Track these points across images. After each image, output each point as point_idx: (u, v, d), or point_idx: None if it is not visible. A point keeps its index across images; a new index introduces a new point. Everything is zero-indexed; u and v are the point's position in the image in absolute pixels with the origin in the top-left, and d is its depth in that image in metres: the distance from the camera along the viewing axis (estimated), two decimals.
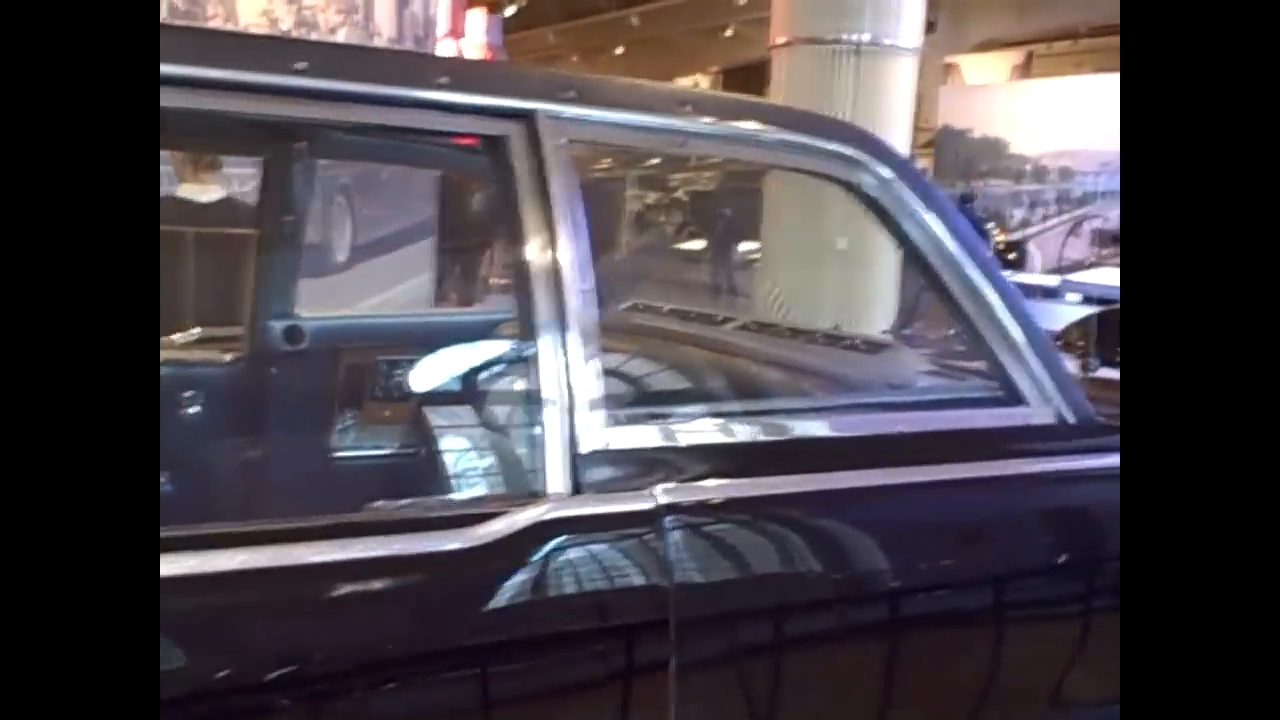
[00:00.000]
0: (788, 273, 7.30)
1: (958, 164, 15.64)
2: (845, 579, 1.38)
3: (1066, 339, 2.99)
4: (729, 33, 21.65)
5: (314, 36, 6.28)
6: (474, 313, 2.49)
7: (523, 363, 1.32)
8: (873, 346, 1.96)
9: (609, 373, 1.49)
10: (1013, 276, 11.71)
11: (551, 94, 1.38)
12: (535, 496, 1.27)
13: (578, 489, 1.28)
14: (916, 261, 1.60)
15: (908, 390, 1.73)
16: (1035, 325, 1.67)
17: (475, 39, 15.69)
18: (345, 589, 1.11)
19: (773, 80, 8.15)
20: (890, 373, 1.81)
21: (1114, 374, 2.56)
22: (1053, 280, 13.07)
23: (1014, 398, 1.64)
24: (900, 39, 7.77)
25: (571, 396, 1.29)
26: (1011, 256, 14.46)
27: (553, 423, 1.29)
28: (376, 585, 1.13)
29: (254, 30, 5.82)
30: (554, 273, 1.32)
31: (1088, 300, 11.99)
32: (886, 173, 1.58)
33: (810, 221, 7.59)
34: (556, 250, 1.32)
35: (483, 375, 1.66)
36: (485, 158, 1.37)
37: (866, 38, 7.60)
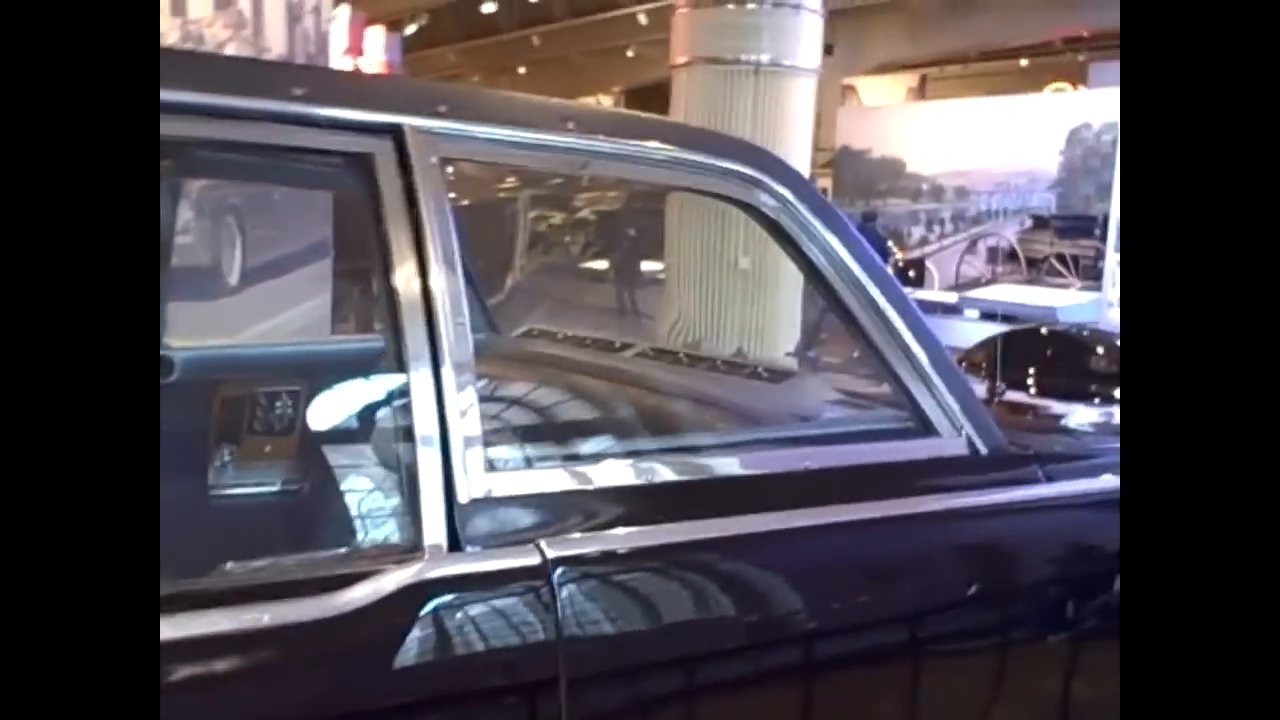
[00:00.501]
0: (690, 294, 7.23)
1: (857, 184, 15.84)
2: (748, 627, 1.27)
3: (970, 360, 2.96)
4: (630, 53, 21.71)
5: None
6: (363, 341, 2.34)
7: (395, 401, 1.19)
8: (776, 375, 1.86)
9: (493, 410, 1.37)
10: (913, 294, 11.92)
11: (421, 108, 1.26)
12: (409, 552, 1.14)
13: (456, 543, 1.15)
14: (818, 284, 1.51)
15: (813, 423, 1.64)
16: (941, 350, 1.59)
17: (375, 57, 15.44)
18: (180, 672, 0.96)
19: (673, 100, 8.12)
20: (795, 403, 1.71)
21: (1021, 397, 2.52)
22: (952, 297, 13.30)
23: (924, 428, 1.56)
24: (799, 59, 7.79)
25: (447, 438, 1.17)
26: (911, 274, 14.68)
27: (428, 468, 1.16)
28: (220, 666, 0.99)
29: None
30: (425, 303, 1.19)
31: (986, 316, 12.23)
32: (785, 192, 1.49)
33: (712, 240, 7.57)
34: (427, 278, 1.20)
35: (354, 414, 1.52)
36: (352, 177, 1.24)
37: (766, 58, 7.61)
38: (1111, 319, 11.62)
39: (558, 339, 2.29)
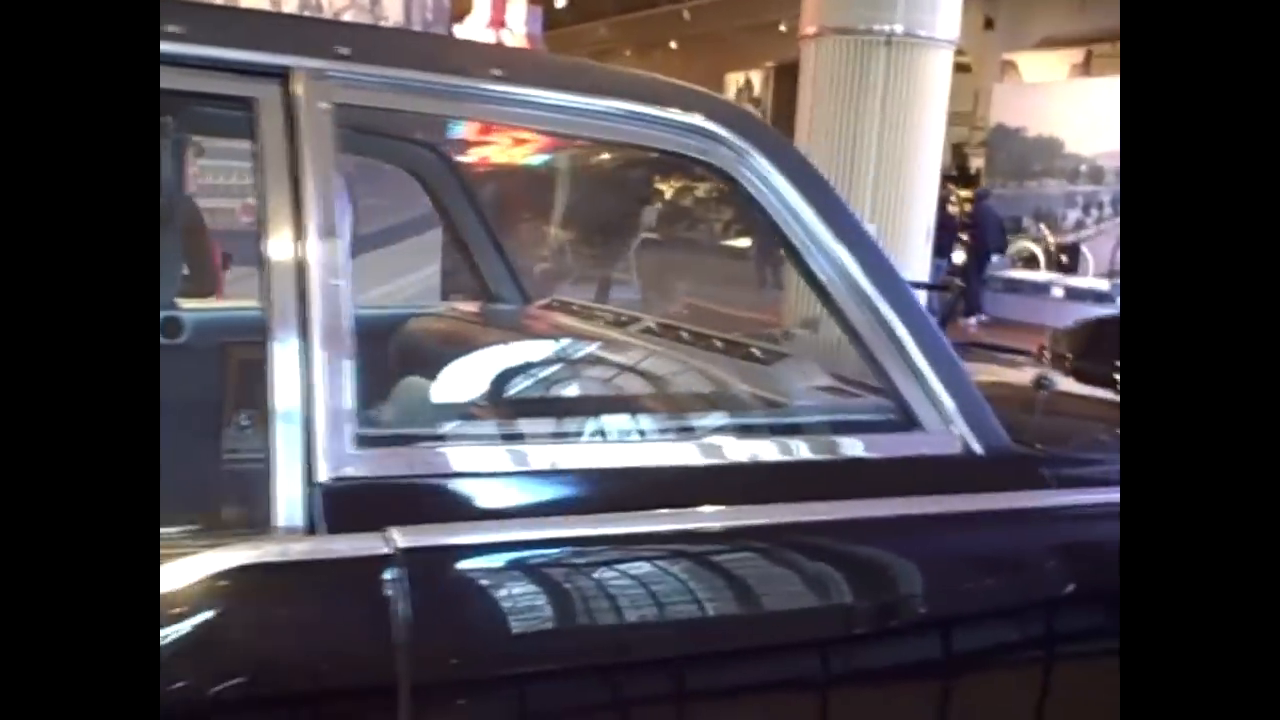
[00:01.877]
0: None
1: (1010, 163, 15.17)
2: (632, 638, 1.11)
3: (1051, 348, 2.70)
4: (783, 28, 21.32)
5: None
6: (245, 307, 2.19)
7: (263, 372, 1.09)
8: (770, 356, 1.69)
9: (393, 386, 1.26)
10: (1065, 280, 11.36)
11: (315, 49, 1.15)
12: (260, 532, 1.04)
13: (312, 525, 1.04)
14: (791, 256, 1.35)
15: (781, 410, 1.46)
16: (935, 336, 1.40)
17: (517, 29, 15.59)
18: None
19: (802, 73, 7.86)
20: (776, 388, 1.54)
21: (1088, 389, 2.27)
22: (1104, 284, 12.59)
23: (908, 421, 1.38)
24: (936, 30, 7.43)
25: (310, 413, 1.06)
26: (1064, 259, 13.98)
27: (287, 444, 1.06)
28: None
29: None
30: (296, 266, 1.09)
31: None
32: (754, 152, 1.32)
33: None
34: (302, 239, 1.09)
35: (224, 384, 1.43)
36: (233, 124, 1.14)
37: (899, 29, 7.28)
38: None
39: (574, 310, 2.17)
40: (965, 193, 15.15)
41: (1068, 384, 2.28)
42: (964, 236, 12.66)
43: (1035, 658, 1.38)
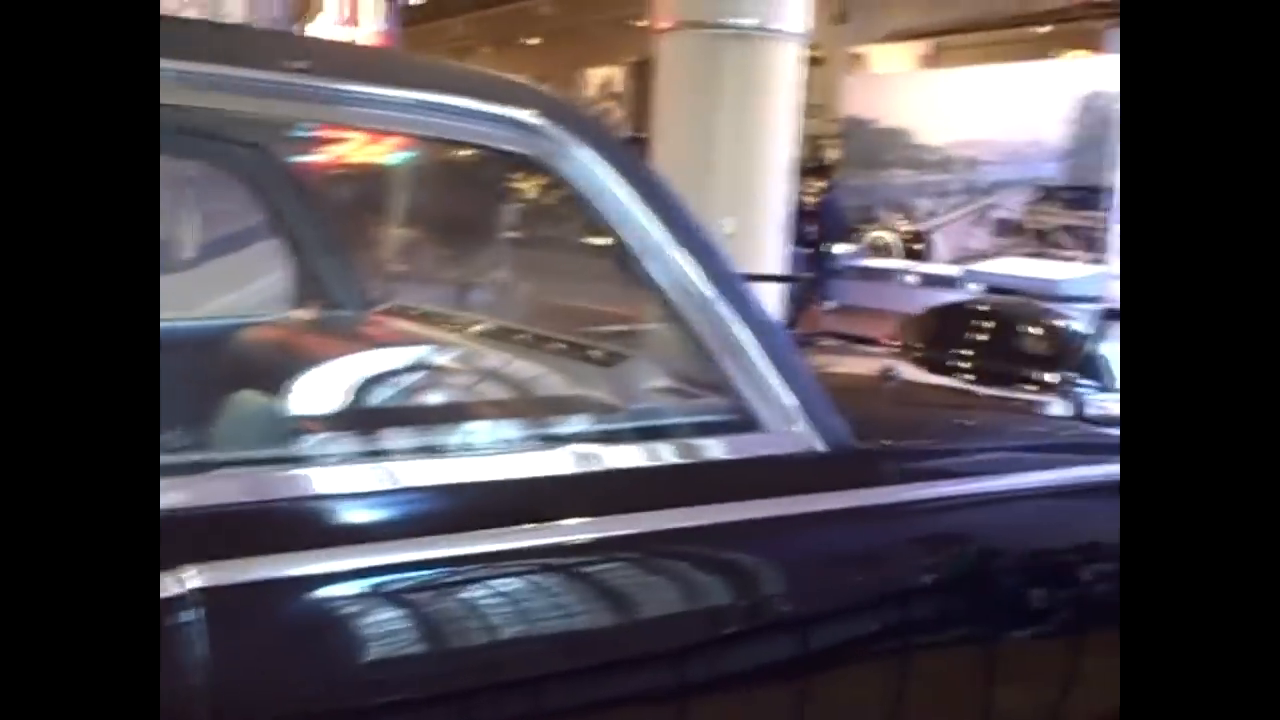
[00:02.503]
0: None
1: (864, 154, 15.51)
2: (453, 670, 1.05)
3: (899, 337, 2.72)
4: (641, 23, 21.38)
5: None
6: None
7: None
8: (611, 358, 1.63)
9: (193, 402, 1.16)
10: (917, 267, 11.68)
11: None
12: None
13: None
14: (619, 254, 1.29)
15: (620, 414, 1.41)
16: (775, 334, 1.37)
17: (370, 26, 15.23)
18: None
19: (658, 68, 7.85)
20: (615, 392, 1.48)
21: (933, 378, 2.29)
22: (954, 270, 12.99)
23: (748, 422, 1.34)
24: (787, 24, 7.51)
25: None
26: (916, 247, 14.37)
27: None
28: None
29: None
30: None
31: (991, 290, 11.91)
32: (580, 148, 1.26)
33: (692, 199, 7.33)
34: None
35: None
36: None
37: (751, 22, 7.32)
38: (1115, 294, 11.31)
39: (414, 316, 2.08)
40: (821, 184, 15.45)
41: (916, 373, 2.29)
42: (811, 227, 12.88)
43: (883, 653, 1.36)
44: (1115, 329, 2.11)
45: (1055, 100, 13.08)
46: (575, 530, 1.16)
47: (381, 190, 1.98)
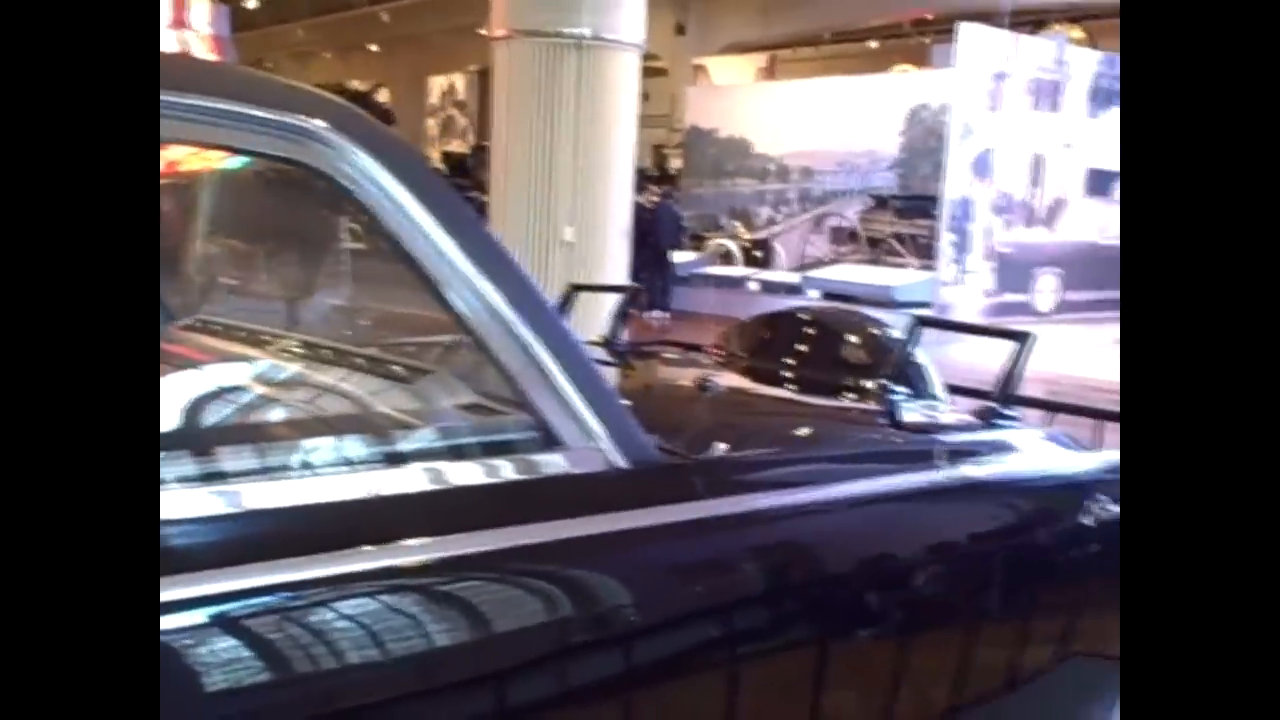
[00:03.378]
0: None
1: (705, 164, 15.75)
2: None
3: (723, 346, 2.73)
4: (483, 31, 21.21)
5: None
6: None
7: None
8: (412, 374, 1.57)
9: None
10: (759, 274, 11.92)
11: None
12: None
13: None
14: (408, 268, 1.23)
15: (420, 433, 1.35)
16: (573, 349, 1.34)
17: (202, 29, 14.67)
18: None
19: (496, 75, 7.79)
20: (414, 409, 1.42)
21: (755, 386, 2.30)
22: (795, 278, 13.30)
23: (547, 440, 1.30)
24: (623, 34, 7.54)
25: None
26: (758, 254, 14.66)
27: None
28: None
29: None
30: None
31: (828, 297, 12.22)
32: (361, 155, 1.20)
33: (538, 207, 7.29)
34: None
35: None
36: None
37: (587, 32, 7.33)
38: (945, 299, 11.74)
39: (217, 330, 1.97)
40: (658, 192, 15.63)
41: (739, 382, 2.30)
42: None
43: (689, 667, 1.34)
44: (921, 335, 2.15)
45: (886, 113, 13.54)
46: (360, 559, 1.10)
47: (170, 200, 1.86)
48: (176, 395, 1.42)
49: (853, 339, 2.45)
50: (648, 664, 1.31)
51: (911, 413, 2.07)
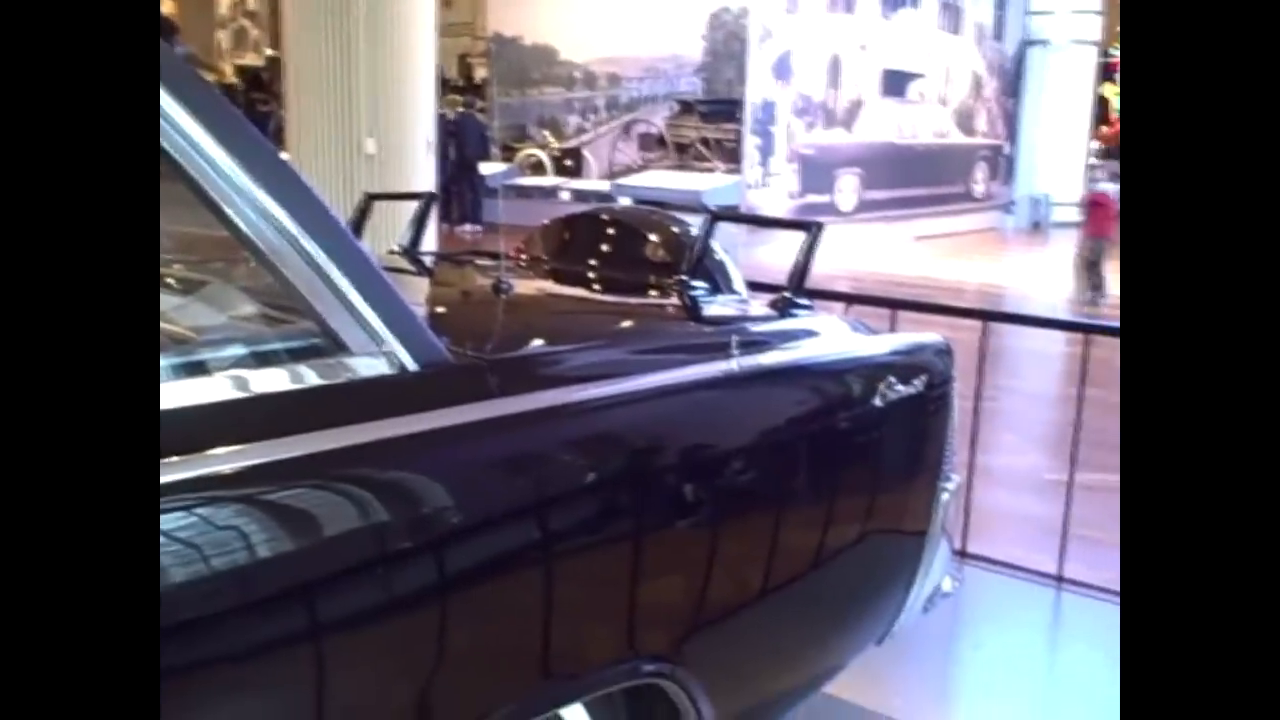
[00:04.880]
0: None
1: (511, 73, 15.45)
2: None
3: (525, 250, 2.71)
4: None
5: None
6: None
7: None
8: (186, 285, 1.50)
9: None
10: (570, 184, 11.86)
11: None
12: None
13: None
14: (173, 171, 1.16)
15: (199, 345, 1.29)
16: (357, 255, 1.30)
17: None
18: None
19: None
20: (192, 320, 1.36)
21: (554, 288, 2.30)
22: (605, 185, 13.29)
23: (333, 347, 1.27)
24: None
25: None
26: (569, 164, 14.57)
27: None
28: None
29: None
30: None
31: (639, 203, 12.28)
32: None
33: (338, 121, 7.01)
34: None
35: None
36: None
37: None
38: (751, 201, 12.00)
39: None
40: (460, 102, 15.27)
41: (540, 285, 2.29)
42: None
43: (487, 567, 1.34)
44: (715, 230, 2.19)
45: (689, 17, 13.54)
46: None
47: None
48: None
49: (652, 237, 2.47)
50: (448, 566, 1.30)
51: (708, 306, 2.11)
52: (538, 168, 14.65)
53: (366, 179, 6.94)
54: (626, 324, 1.97)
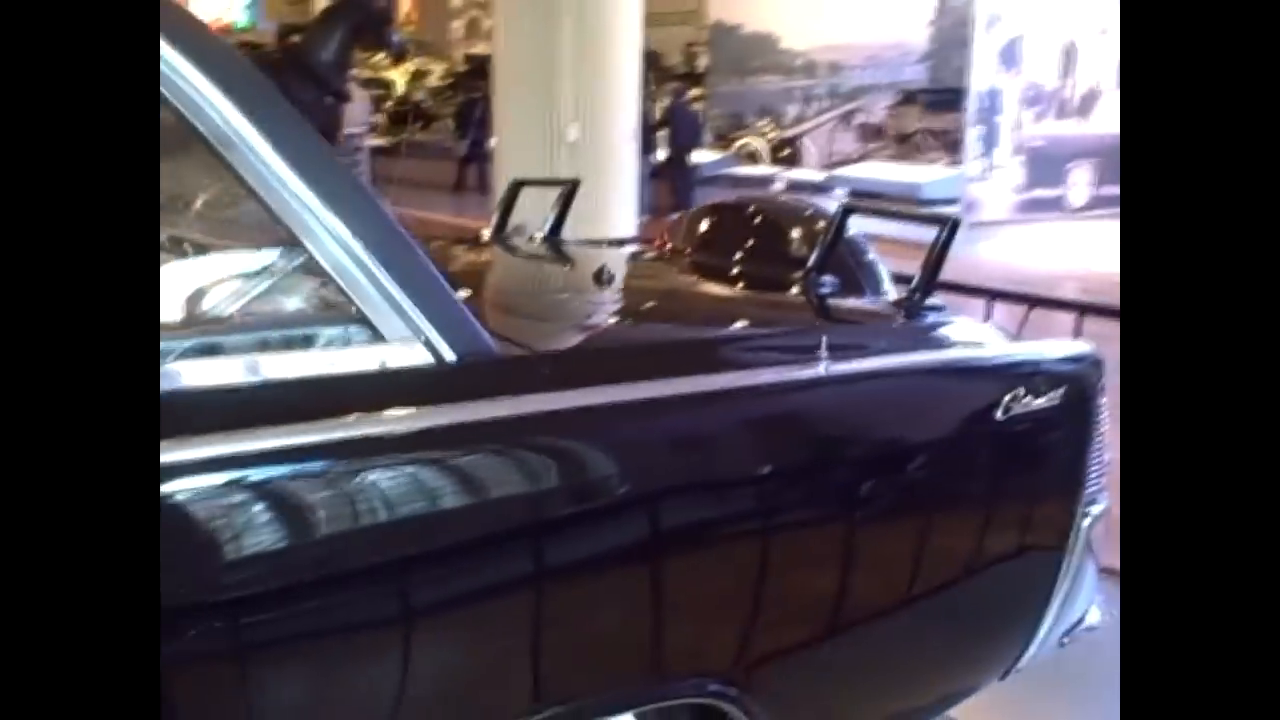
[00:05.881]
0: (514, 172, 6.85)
1: (731, 60, 15.38)
2: None
3: (664, 239, 2.64)
4: None
5: None
6: None
7: None
8: (213, 268, 1.50)
9: None
10: (785, 173, 11.69)
11: None
12: None
13: None
14: (207, 151, 1.16)
15: (219, 326, 1.29)
16: (391, 233, 1.27)
17: None
18: None
19: None
20: (217, 302, 1.35)
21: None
22: (820, 175, 13.03)
23: (370, 335, 1.24)
24: None
25: None
26: (786, 153, 14.38)
27: None
28: None
29: None
30: None
31: (855, 194, 11.97)
32: (169, 49, 1.12)
33: (538, 105, 7.14)
34: None
35: None
36: None
37: None
38: (971, 194, 11.45)
39: None
40: (695, 92, 15.28)
41: (655, 274, 2.22)
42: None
43: (481, 575, 1.27)
44: (848, 223, 2.06)
45: (916, 2, 13.08)
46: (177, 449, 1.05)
47: None
48: None
49: (792, 230, 2.35)
50: (445, 571, 1.25)
51: (821, 305, 1.99)
52: (752, 157, 14.53)
53: (568, 167, 7.00)
54: (712, 320, 1.87)
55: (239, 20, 13.81)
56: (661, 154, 12.23)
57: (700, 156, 13.16)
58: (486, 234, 2.52)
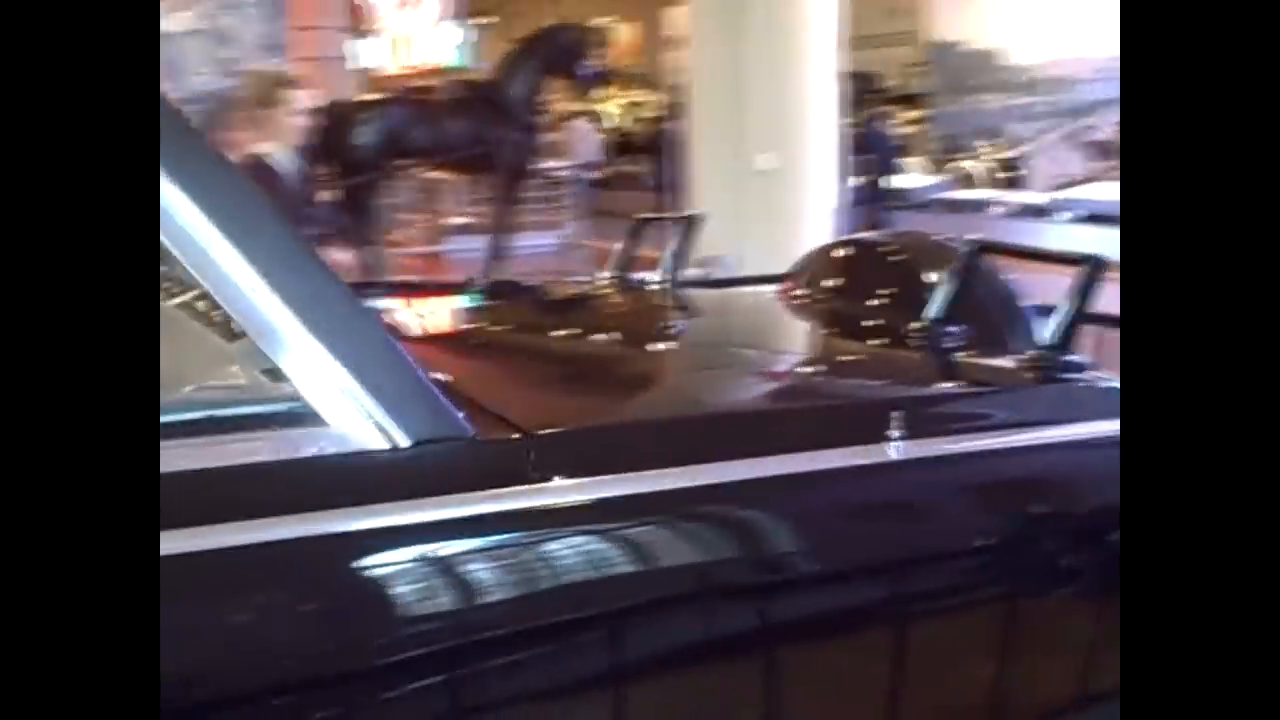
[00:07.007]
0: (706, 201, 6.67)
1: (949, 79, 14.76)
2: None
3: (795, 280, 2.37)
4: None
5: None
6: None
7: None
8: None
9: None
10: (1001, 196, 11.10)
11: None
12: None
13: None
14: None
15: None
16: (343, 302, 1.09)
17: None
18: None
19: None
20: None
21: None
22: (1042, 198, 12.24)
23: (302, 416, 1.06)
24: None
25: None
26: (1005, 175, 13.62)
27: None
28: None
29: None
30: None
31: (1085, 219, 11.14)
32: None
33: (729, 134, 6.93)
34: None
35: None
36: None
37: None
38: None
39: None
40: (913, 114, 14.73)
41: (746, 324, 1.97)
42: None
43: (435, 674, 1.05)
44: (978, 264, 1.75)
45: None
46: None
47: None
48: None
49: (926, 273, 2.05)
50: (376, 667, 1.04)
51: (926, 364, 1.71)
52: (969, 180, 13.85)
53: (760, 196, 6.76)
54: (772, 392, 1.58)
55: (450, 61, 14.30)
56: (853, 180, 11.74)
57: (911, 181, 12.59)
58: (605, 274, 2.31)
